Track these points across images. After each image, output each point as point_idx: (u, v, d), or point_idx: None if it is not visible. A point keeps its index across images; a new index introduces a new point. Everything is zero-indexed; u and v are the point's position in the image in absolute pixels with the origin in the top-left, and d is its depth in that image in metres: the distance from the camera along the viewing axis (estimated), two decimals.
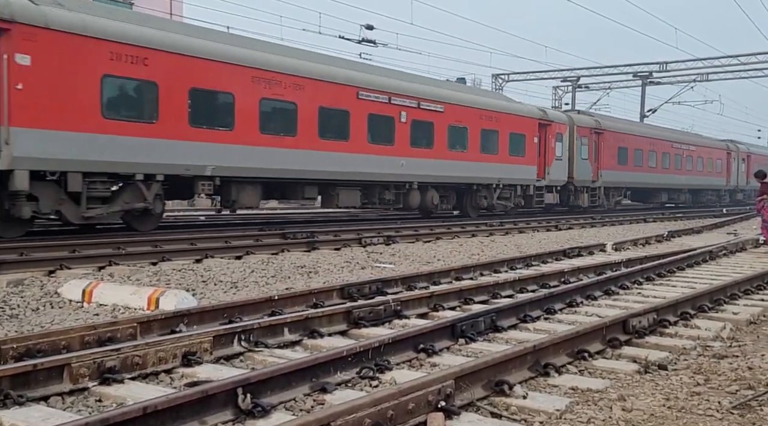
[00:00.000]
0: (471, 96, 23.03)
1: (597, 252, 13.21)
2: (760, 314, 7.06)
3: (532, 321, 6.49)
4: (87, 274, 9.11)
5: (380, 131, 18.84)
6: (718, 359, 5.20)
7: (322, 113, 17.02)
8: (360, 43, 30.76)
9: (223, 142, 14.89)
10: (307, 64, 16.85)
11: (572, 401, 4.10)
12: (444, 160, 21.02)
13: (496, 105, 23.67)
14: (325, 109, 17.09)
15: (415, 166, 19.89)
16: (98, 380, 4.27)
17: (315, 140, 16.91)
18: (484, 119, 22.69)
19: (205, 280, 8.95)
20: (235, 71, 15.06)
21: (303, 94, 16.55)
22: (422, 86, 20.81)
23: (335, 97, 17.43)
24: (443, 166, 20.95)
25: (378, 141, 18.70)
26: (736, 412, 3.97)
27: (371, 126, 18.43)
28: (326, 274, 9.84)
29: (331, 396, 4.15)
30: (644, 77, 43.16)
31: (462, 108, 21.80)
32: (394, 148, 19.16)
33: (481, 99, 23.33)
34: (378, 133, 18.76)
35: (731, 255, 13.05)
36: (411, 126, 19.63)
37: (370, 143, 18.39)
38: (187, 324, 5.75)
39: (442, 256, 12.37)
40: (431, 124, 20.47)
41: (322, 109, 17.01)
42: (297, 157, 16.51)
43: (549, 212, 27.86)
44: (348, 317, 6.12)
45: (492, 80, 44.86)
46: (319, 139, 16.96)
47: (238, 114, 15.14)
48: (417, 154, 20.00)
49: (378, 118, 18.67)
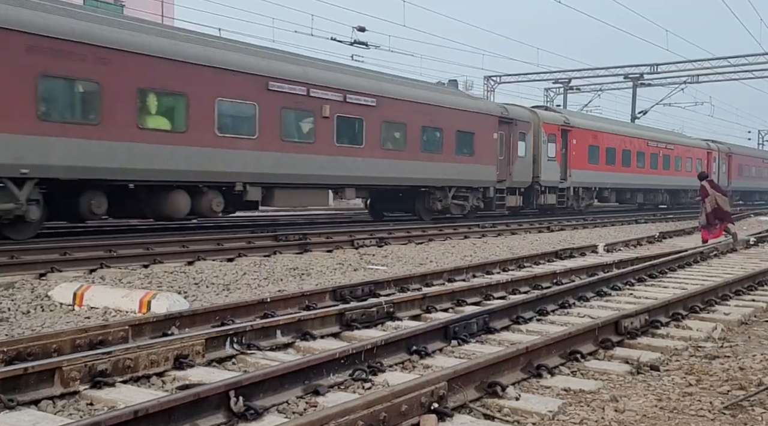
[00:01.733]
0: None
1: (589, 253, 13.25)
2: (751, 315, 7.10)
3: (525, 322, 6.50)
4: (78, 276, 9.06)
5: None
6: (710, 360, 5.22)
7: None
8: (352, 44, 30.77)
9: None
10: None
11: (565, 402, 4.11)
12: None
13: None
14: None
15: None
16: (89, 384, 4.25)
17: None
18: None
19: (197, 282, 8.92)
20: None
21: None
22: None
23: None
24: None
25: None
26: (728, 412, 3.99)
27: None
28: (319, 276, 9.83)
29: (323, 398, 4.14)
30: (635, 79, 43.32)
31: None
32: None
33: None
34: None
35: (722, 256, 13.12)
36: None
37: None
38: (179, 327, 5.73)
39: (434, 257, 12.38)
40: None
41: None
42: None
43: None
44: (340, 319, 6.11)
45: (484, 82, 44.98)
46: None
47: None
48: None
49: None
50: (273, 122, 15.90)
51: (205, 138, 14.49)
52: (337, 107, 17.39)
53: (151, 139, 13.63)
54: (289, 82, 16.18)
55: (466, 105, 22.33)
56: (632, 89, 44.30)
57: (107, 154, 12.87)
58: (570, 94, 46.63)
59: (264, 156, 15.68)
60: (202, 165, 14.45)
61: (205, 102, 14.49)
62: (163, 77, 13.78)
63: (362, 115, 18.24)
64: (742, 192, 47.36)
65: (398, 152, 19.52)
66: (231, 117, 15.24)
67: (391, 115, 19.13)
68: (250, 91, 15.43)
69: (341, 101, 17.55)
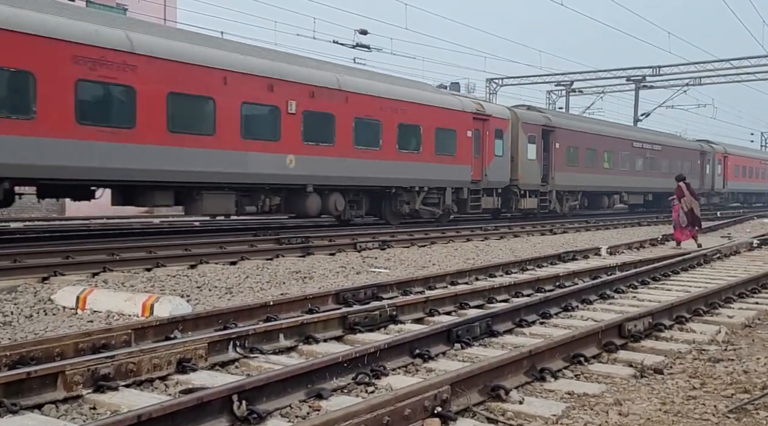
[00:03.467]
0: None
1: (592, 256, 13.23)
2: (755, 317, 7.08)
3: (528, 325, 6.48)
4: (81, 280, 9.07)
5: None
6: (714, 363, 5.21)
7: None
8: (354, 47, 30.83)
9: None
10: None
11: (568, 406, 4.10)
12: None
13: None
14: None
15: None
16: (92, 388, 4.25)
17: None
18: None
19: (200, 285, 8.92)
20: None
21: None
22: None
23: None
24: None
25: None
26: (732, 416, 3.98)
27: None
28: (321, 280, 9.82)
29: (326, 402, 4.14)
30: (638, 81, 43.30)
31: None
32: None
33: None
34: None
35: (725, 258, 13.09)
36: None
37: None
38: (182, 330, 5.73)
39: (437, 260, 12.37)
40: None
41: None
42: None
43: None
44: (343, 323, 6.11)
45: (486, 85, 45.00)
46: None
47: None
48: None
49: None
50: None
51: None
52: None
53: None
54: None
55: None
56: (635, 91, 44.30)
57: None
58: (572, 97, 46.67)
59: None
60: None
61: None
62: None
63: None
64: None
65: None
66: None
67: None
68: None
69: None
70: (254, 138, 15.37)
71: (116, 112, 13.09)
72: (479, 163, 22.28)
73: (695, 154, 38.80)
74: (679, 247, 15.40)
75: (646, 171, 33.48)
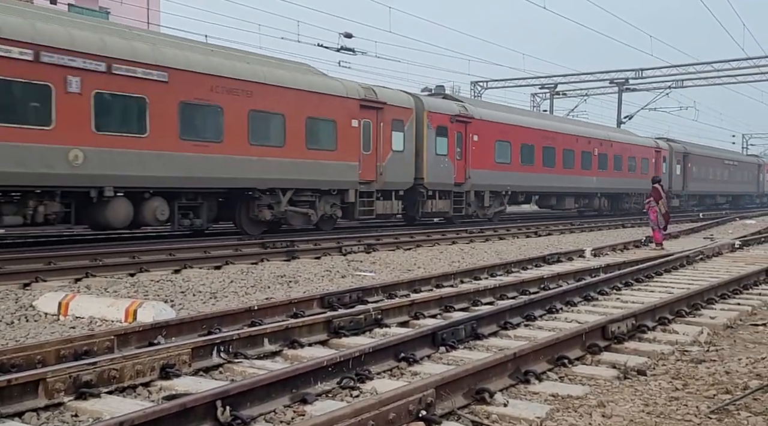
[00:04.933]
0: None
1: (576, 258, 13.30)
2: (736, 318, 7.15)
3: (513, 328, 6.51)
4: (63, 286, 8.99)
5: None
6: (696, 364, 5.25)
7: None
8: (339, 51, 30.80)
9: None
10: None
11: (552, 408, 4.11)
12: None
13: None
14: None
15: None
16: (74, 395, 4.20)
17: None
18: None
19: (184, 290, 8.87)
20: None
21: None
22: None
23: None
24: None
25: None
26: (714, 416, 4.01)
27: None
28: (306, 284, 9.80)
29: (311, 407, 4.12)
30: (620, 84, 43.68)
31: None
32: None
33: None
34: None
35: (708, 259, 13.21)
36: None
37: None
38: (166, 336, 5.69)
39: (422, 263, 12.38)
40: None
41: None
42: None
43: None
44: (328, 327, 6.10)
45: (471, 87, 45.19)
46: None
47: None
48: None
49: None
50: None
51: None
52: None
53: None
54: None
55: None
56: (618, 94, 44.65)
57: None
58: (556, 100, 46.92)
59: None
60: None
61: None
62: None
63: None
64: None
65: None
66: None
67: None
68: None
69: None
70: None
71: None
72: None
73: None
74: (661, 248, 15.56)
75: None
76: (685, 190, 39.44)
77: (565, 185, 28.37)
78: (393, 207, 20.04)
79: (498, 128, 24.18)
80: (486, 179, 23.50)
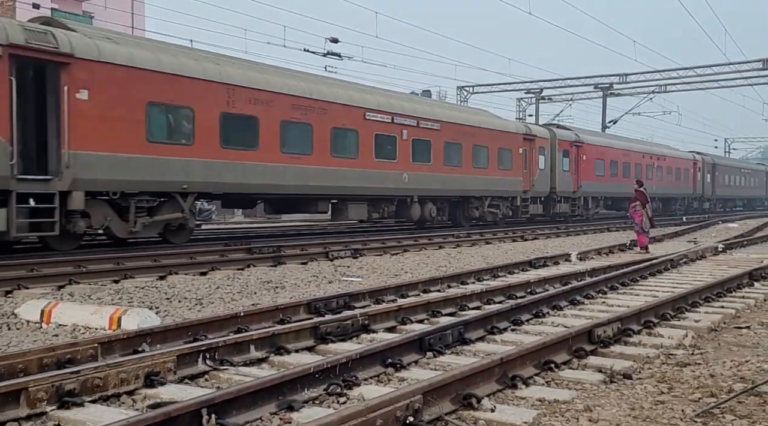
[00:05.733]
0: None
1: (562, 262, 13.36)
2: (720, 321, 7.20)
3: (500, 332, 6.51)
4: (46, 293, 8.89)
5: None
6: (681, 367, 5.28)
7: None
8: (325, 56, 30.80)
9: None
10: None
11: (540, 413, 4.12)
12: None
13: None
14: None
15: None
16: (57, 404, 4.14)
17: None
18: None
19: (169, 297, 8.80)
20: None
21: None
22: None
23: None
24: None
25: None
26: (700, 420, 4.03)
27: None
28: (293, 289, 9.76)
29: (298, 414, 4.09)
30: (605, 89, 44.00)
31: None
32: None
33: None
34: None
35: (692, 263, 13.31)
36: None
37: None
38: (150, 343, 5.63)
39: (409, 268, 12.38)
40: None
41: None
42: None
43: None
44: (315, 333, 6.06)
45: (457, 92, 45.31)
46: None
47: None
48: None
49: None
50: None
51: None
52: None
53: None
54: None
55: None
56: (602, 99, 44.97)
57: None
58: (542, 104, 47.17)
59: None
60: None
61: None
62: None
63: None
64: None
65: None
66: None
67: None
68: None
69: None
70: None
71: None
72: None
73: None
74: (645, 251, 15.65)
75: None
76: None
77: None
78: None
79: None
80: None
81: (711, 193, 47.02)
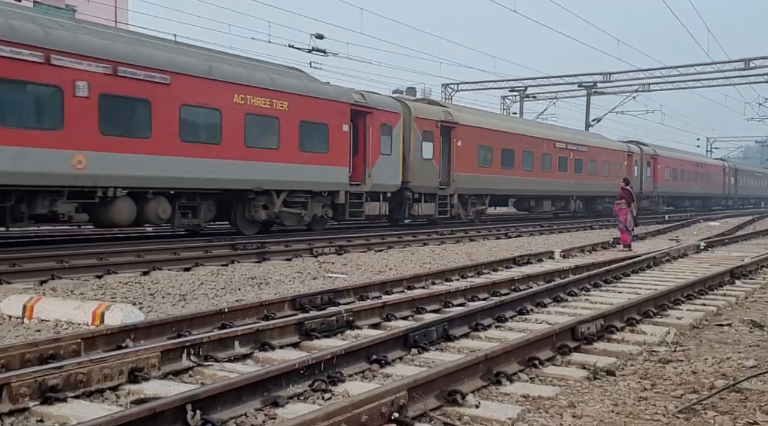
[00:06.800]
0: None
1: (546, 259, 13.43)
2: (702, 319, 7.28)
3: (484, 329, 6.54)
4: (28, 288, 8.80)
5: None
6: (664, 364, 5.34)
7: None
8: (310, 52, 30.66)
9: None
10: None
11: (524, 409, 4.14)
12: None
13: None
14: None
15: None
16: (40, 400, 4.11)
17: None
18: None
19: (153, 293, 8.75)
20: None
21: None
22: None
23: None
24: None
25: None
26: (682, 416, 4.07)
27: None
28: (277, 286, 9.74)
29: (283, 410, 4.09)
30: (589, 87, 44.25)
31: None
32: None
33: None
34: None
35: (674, 261, 13.44)
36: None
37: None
38: (134, 339, 5.60)
39: (394, 265, 12.38)
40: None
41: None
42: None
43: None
44: (300, 329, 6.06)
45: (442, 89, 45.35)
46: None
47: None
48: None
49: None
50: None
51: None
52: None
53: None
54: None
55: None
56: (586, 97, 45.22)
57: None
58: (526, 102, 47.34)
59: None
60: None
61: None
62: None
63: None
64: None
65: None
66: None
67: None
68: None
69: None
70: None
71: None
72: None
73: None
74: (628, 249, 15.78)
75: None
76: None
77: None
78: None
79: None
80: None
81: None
